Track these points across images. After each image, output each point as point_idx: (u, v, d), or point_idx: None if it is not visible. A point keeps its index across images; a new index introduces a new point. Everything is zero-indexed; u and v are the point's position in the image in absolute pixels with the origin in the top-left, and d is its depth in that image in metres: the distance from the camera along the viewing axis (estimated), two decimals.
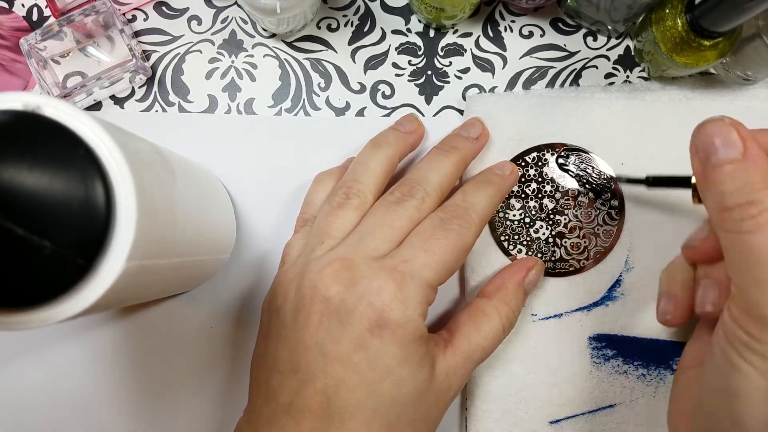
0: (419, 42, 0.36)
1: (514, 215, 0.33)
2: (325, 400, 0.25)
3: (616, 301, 0.33)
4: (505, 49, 0.36)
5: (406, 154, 0.33)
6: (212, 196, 0.32)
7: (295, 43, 0.36)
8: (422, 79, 0.36)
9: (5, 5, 0.36)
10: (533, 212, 0.33)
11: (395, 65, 0.36)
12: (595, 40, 0.36)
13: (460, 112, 0.36)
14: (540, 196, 0.33)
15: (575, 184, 0.33)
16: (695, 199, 0.26)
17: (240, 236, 0.35)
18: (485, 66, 0.36)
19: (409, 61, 0.36)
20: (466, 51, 0.36)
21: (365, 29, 0.36)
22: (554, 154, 0.34)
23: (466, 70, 0.36)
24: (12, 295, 0.19)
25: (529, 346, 0.33)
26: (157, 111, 0.36)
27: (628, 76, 0.36)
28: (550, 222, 0.33)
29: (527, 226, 0.33)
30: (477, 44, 0.36)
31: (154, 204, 0.21)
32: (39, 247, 0.18)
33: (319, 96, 0.36)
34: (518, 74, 0.36)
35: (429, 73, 0.36)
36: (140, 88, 0.36)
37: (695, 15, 0.30)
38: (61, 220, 0.18)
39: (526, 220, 0.33)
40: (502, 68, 0.36)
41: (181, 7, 0.36)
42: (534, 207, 0.33)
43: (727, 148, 0.22)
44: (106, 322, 0.34)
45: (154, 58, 0.36)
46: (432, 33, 0.36)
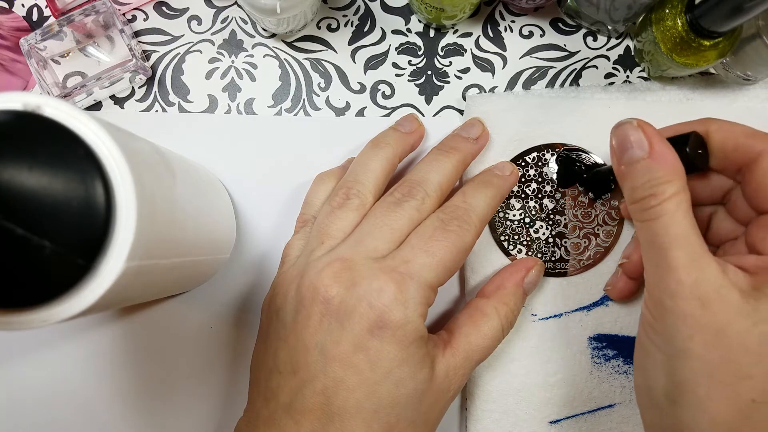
0: (419, 42, 0.36)
1: (514, 215, 0.33)
2: (325, 401, 0.25)
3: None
4: (505, 49, 0.36)
5: (406, 155, 0.33)
6: (212, 196, 0.32)
7: (295, 43, 0.36)
8: (422, 79, 0.36)
9: (5, 5, 0.36)
10: (533, 212, 0.33)
11: (395, 65, 0.36)
12: (595, 40, 0.36)
13: (460, 112, 0.36)
14: (540, 196, 0.33)
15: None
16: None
17: (240, 236, 0.35)
18: (485, 66, 0.36)
19: (409, 61, 0.36)
20: (466, 51, 0.36)
21: (365, 29, 0.36)
22: (554, 155, 0.34)
23: (466, 70, 0.36)
24: (12, 295, 0.19)
25: (529, 346, 0.33)
26: (157, 111, 0.36)
27: (628, 76, 0.36)
28: (550, 222, 0.33)
29: (527, 226, 0.33)
30: (477, 44, 0.36)
31: (154, 204, 0.21)
32: (39, 247, 0.18)
33: (319, 96, 0.36)
34: (518, 74, 0.36)
35: (429, 73, 0.36)
36: (140, 88, 0.36)
37: (695, 15, 0.30)
38: (61, 220, 0.18)
39: (526, 220, 0.33)
40: (502, 68, 0.36)
41: (181, 7, 0.36)
42: (534, 207, 0.33)
43: (636, 148, 0.24)
44: (106, 322, 0.34)
45: (154, 58, 0.36)
46: (432, 33, 0.36)
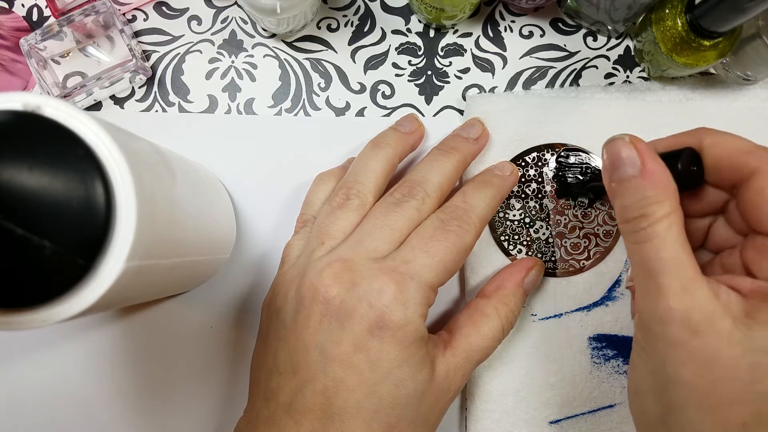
0: (419, 42, 0.36)
1: (514, 215, 0.33)
2: (325, 401, 0.25)
3: (617, 301, 0.33)
4: (505, 49, 0.36)
5: (406, 155, 0.33)
6: (212, 196, 0.32)
7: (295, 43, 0.36)
8: (422, 79, 0.36)
9: (5, 5, 0.36)
10: (533, 212, 0.33)
11: (395, 65, 0.36)
12: (595, 40, 0.36)
13: (460, 112, 0.36)
14: (540, 196, 0.33)
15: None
16: None
17: (240, 236, 0.35)
18: (485, 66, 0.36)
19: (409, 61, 0.36)
20: (466, 51, 0.36)
21: (365, 29, 0.36)
22: (554, 155, 0.34)
23: (466, 70, 0.36)
24: (12, 295, 0.19)
25: (529, 346, 0.33)
26: (157, 111, 0.36)
27: (628, 76, 0.36)
28: (550, 222, 0.33)
29: (527, 226, 0.33)
30: (477, 44, 0.36)
31: (154, 204, 0.21)
32: (39, 247, 0.18)
33: (319, 96, 0.36)
34: (518, 74, 0.36)
35: (429, 73, 0.36)
36: (140, 88, 0.36)
37: (695, 15, 0.30)
38: (61, 220, 0.18)
39: (526, 220, 0.33)
40: (502, 68, 0.36)
41: (181, 7, 0.36)
42: (534, 207, 0.33)
43: (627, 166, 0.24)
44: (106, 322, 0.34)
45: (154, 58, 0.36)
46: (432, 33, 0.36)
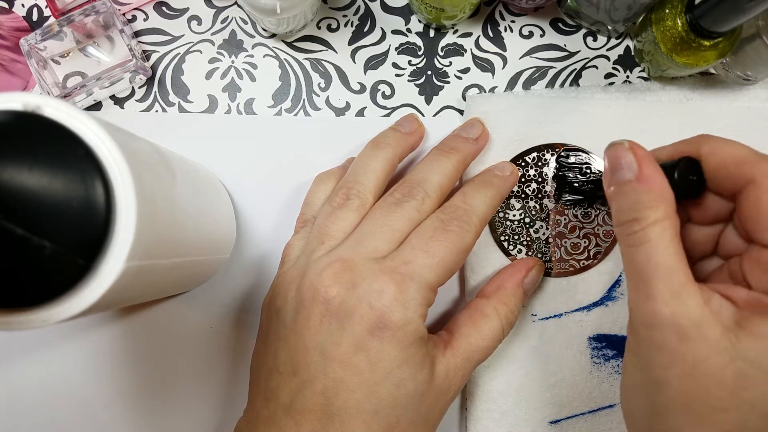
0: (419, 42, 0.36)
1: (514, 215, 0.33)
2: (325, 401, 0.25)
3: (616, 301, 0.33)
4: (505, 49, 0.36)
5: (406, 155, 0.33)
6: (212, 196, 0.32)
7: (295, 43, 0.36)
8: (422, 79, 0.36)
9: (5, 5, 0.36)
10: (533, 212, 0.33)
11: (395, 65, 0.36)
12: (595, 40, 0.36)
13: (460, 112, 0.36)
14: (540, 196, 0.33)
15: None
16: None
17: (240, 236, 0.35)
18: (485, 66, 0.36)
19: (409, 61, 0.36)
20: (466, 51, 0.36)
21: (365, 29, 0.36)
22: (554, 155, 0.34)
23: (466, 70, 0.36)
24: (12, 295, 0.19)
25: (529, 347, 0.33)
26: (157, 111, 0.36)
27: (628, 76, 0.36)
28: (550, 222, 0.33)
29: (527, 226, 0.33)
30: (477, 44, 0.36)
31: (154, 204, 0.21)
32: (39, 247, 0.18)
33: (319, 96, 0.36)
34: (518, 74, 0.36)
35: (429, 73, 0.36)
36: (140, 88, 0.36)
37: (695, 15, 0.30)
38: (61, 220, 0.18)
39: (526, 220, 0.33)
40: (502, 68, 0.36)
41: (181, 7, 0.36)
42: (534, 207, 0.33)
43: (624, 170, 0.24)
44: (106, 322, 0.34)
45: (154, 58, 0.36)
46: (432, 33, 0.36)
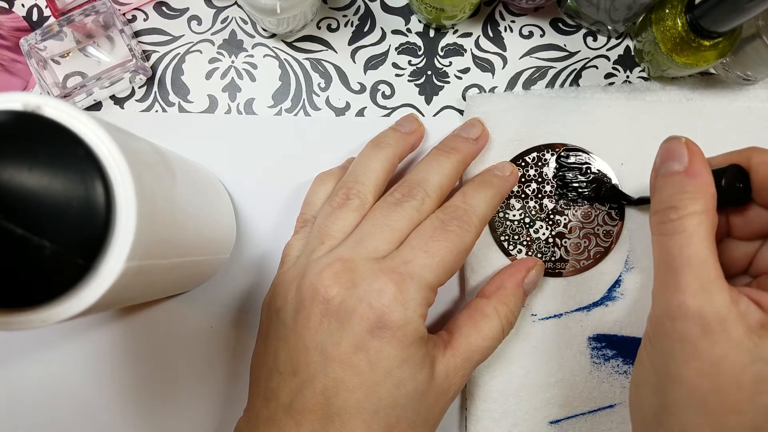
0: (419, 42, 0.36)
1: (514, 215, 0.33)
2: (325, 401, 0.25)
3: (616, 301, 0.33)
4: (505, 49, 0.36)
5: (406, 155, 0.33)
6: (212, 196, 0.32)
7: (295, 43, 0.36)
8: (422, 79, 0.36)
9: (5, 5, 0.36)
10: (533, 212, 0.33)
11: (395, 65, 0.36)
12: (595, 40, 0.36)
13: (460, 112, 0.36)
14: (540, 196, 0.33)
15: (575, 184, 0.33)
16: None
17: (240, 236, 0.35)
18: (485, 66, 0.36)
19: (409, 61, 0.36)
20: (466, 51, 0.36)
21: (365, 29, 0.36)
22: (554, 155, 0.34)
23: (466, 70, 0.36)
24: (12, 295, 0.19)
25: (529, 347, 0.33)
26: (157, 111, 0.36)
27: (628, 76, 0.36)
28: (550, 222, 0.33)
29: (527, 226, 0.33)
30: (477, 44, 0.36)
31: (154, 204, 0.21)
32: (39, 247, 0.18)
33: (319, 96, 0.36)
34: (518, 74, 0.36)
35: (429, 73, 0.36)
36: (140, 88, 0.36)
37: (695, 15, 0.30)
38: (61, 220, 0.18)
39: (526, 220, 0.33)
40: (502, 68, 0.36)
41: (181, 7, 0.36)
42: (534, 207, 0.33)
43: (674, 161, 0.24)
44: (106, 322, 0.34)
45: (154, 58, 0.36)
46: (432, 33, 0.36)
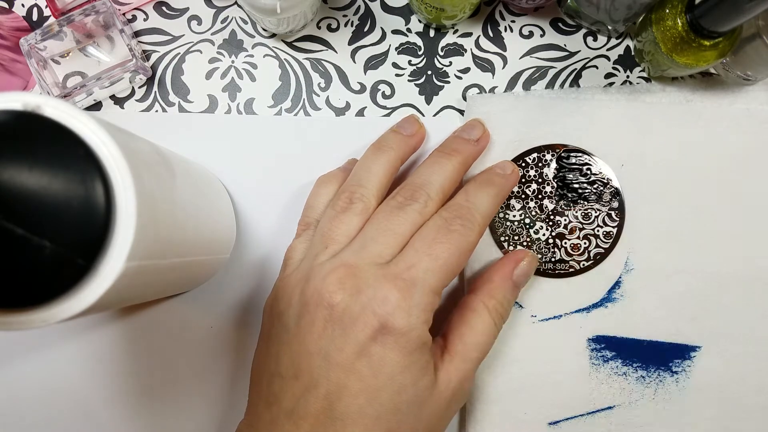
0: (419, 42, 0.36)
1: (514, 216, 0.33)
2: (328, 406, 0.25)
3: (616, 302, 0.33)
4: (505, 49, 0.36)
5: (408, 157, 0.32)
6: (212, 196, 0.32)
7: (295, 43, 0.36)
8: (422, 79, 0.36)
9: (5, 5, 0.36)
10: (533, 213, 0.33)
11: (395, 65, 0.36)
12: (595, 40, 0.36)
13: (461, 112, 0.36)
14: (540, 197, 0.33)
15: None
16: None
17: (240, 236, 0.35)
18: (485, 66, 0.36)
19: (409, 61, 0.36)
20: (466, 51, 0.36)
21: (365, 29, 0.36)
22: (554, 155, 0.34)
23: (466, 70, 0.36)
24: (12, 295, 0.19)
25: (529, 348, 0.33)
26: (157, 111, 0.36)
27: (628, 76, 0.36)
28: (550, 223, 0.33)
29: (527, 226, 0.33)
30: (477, 44, 0.36)
31: (154, 204, 0.21)
32: (39, 247, 0.18)
33: (319, 96, 0.36)
34: (518, 74, 0.36)
35: (429, 73, 0.36)
36: (140, 88, 0.36)
37: (695, 15, 0.30)
38: (61, 220, 0.18)
39: (526, 221, 0.33)
40: (502, 68, 0.36)
41: (181, 7, 0.36)
42: (534, 208, 0.33)
43: None
44: (106, 322, 0.34)
45: (154, 58, 0.36)
46: (432, 33, 0.36)
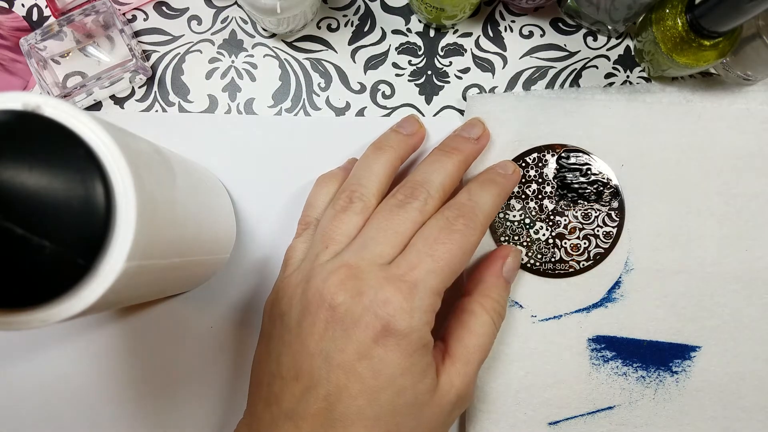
0: (419, 42, 0.36)
1: (514, 216, 0.33)
2: (328, 407, 0.25)
3: (616, 302, 0.33)
4: (505, 49, 0.36)
5: (408, 157, 0.32)
6: (212, 196, 0.32)
7: (295, 43, 0.36)
8: (422, 79, 0.36)
9: (5, 5, 0.36)
10: (533, 213, 0.33)
11: (395, 65, 0.36)
12: (595, 40, 0.36)
13: (461, 112, 0.36)
14: (540, 197, 0.33)
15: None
16: None
17: (240, 236, 0.35)
18: (485, 66, 0.36)
19: (409, 61, 0.36)
20: (466, 51, 0.36)
21: (365, 29, 0.36)
22: (554, 155, 0.34)
23: (466, 70, 0.36)
24: (12, 295, 0.19)
25: (528, 348, 0.33)
26: (157, 111, 0.36)
27: (628, 76, 0.36)
28: (550, 223, 0.33)
29: (527, 227, 0.33)
30: (477, 44, 0.36)
31: (154, 204, 0.21)
32: (39, 247, 0.18)
33: (319, 96, 0.36)
34: (518, 74, 0.36)
35: (429, 73, 0.36)
36: (140, 88, 0.36)
37: (695, 15, 0.30)
38: (61, 220, 0.18)
39: (526, 221, 0.33)
40: (502, 68, 0.36)
41: (181, 7, 0.36)
42: (534, 208, 0.33)
43: None
44: (106, 322, 0.34)
45: (154, 58, 0.36)
46: (432, 33, 0.36)
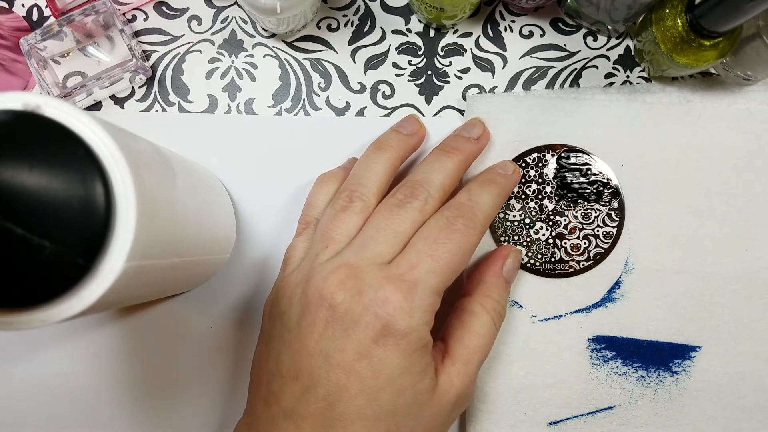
0: (419, 42, 0.36)
1: (514, 216, 0.33)
2: (327, 407, 0.25)
3: (616, 302, 0.33)
4: (505, 49, 0.36)
5: (408, 156, 0.32)
6: (212, 196, 0.32)
7: (295, 43, 0.36)
8: (422, 79, 0.36)
9: (5, 5, 0.36)
10: (533, 213, 0.33)
11: (395, 65, 0.36)
12: (595, 40, 0.36)
13: (461, 112, 0.36)
14: (540, 197, 0.33)
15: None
16: None
17: (240, 236, 0.35)
18: (485, 66, 0.36)
19: (409, 61, 0.36)
20: (466, 51, 0.36)
21: (365, 29, 0.36)
22: (554, 155, 0.34)
23: (466, 70, 0.36)
24: (12, 295, 0.19)
25: (528, 348, 0.33)
26: (157, 111, 0.36)
27: (628, 76, 0.36)
28: (550, 223, 0.33)
29: (527, 227, 0.33)
30: (477, 44, 0.36)
31: (154, 204, 0.21)
32: (39, 247, 0.18)
33: (319, 96, 0.36)
34: (518, 74, 0.36)
35: (429, 73, 0.36)
36: (140, 88, 0.36)
37: (695, 15, 0.30)
38: (60, 220, 0.18)
39: (526, 221, 0.33)
40: (502, 68, 0.36)
41: (181, 7, 0.36)
42: (534, 208, 0.33)
43: None
44: (106, 322, 0.34)
45: (154, 58, 0.36)
46: (432, 33, 0.36)
